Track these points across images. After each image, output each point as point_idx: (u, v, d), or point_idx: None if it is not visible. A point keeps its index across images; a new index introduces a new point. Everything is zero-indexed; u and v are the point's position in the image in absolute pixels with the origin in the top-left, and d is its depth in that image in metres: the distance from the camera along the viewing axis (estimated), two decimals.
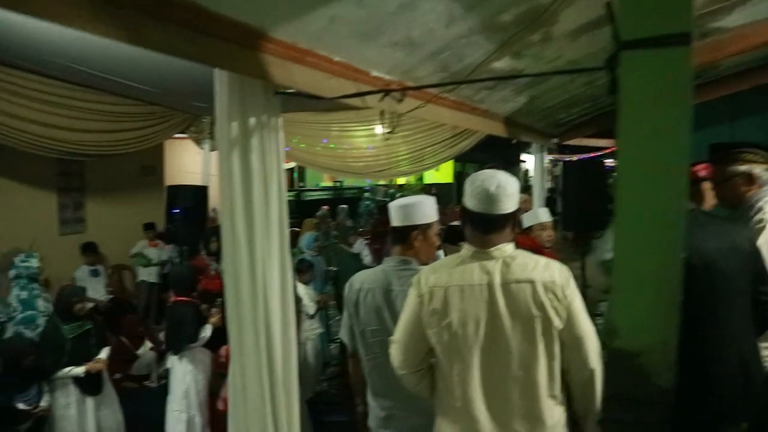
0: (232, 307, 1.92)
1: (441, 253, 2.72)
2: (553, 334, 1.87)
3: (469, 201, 2.06)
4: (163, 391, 4.94)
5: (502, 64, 2.82)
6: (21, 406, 3.46)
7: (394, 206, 2.60)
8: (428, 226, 2.54)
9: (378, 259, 5.69)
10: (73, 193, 6.96)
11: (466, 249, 2.03)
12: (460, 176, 16.14)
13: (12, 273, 4.85)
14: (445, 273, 2.00)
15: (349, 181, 14.03)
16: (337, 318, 7.50)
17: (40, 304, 4.74)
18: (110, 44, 3.84)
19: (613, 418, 1.44)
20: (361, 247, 6.49)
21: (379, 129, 6.80)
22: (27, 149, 5.15)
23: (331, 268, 6.96)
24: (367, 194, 12.13)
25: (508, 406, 1.92)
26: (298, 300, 4.00)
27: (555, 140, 6.09)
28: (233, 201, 1.89)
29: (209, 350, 4.57)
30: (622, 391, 1.51)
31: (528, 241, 3.94)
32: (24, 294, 4.73)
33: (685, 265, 1.51)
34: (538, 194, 6.10)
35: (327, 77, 1.96)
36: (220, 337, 4.45)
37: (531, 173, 21.90)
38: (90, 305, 4.17)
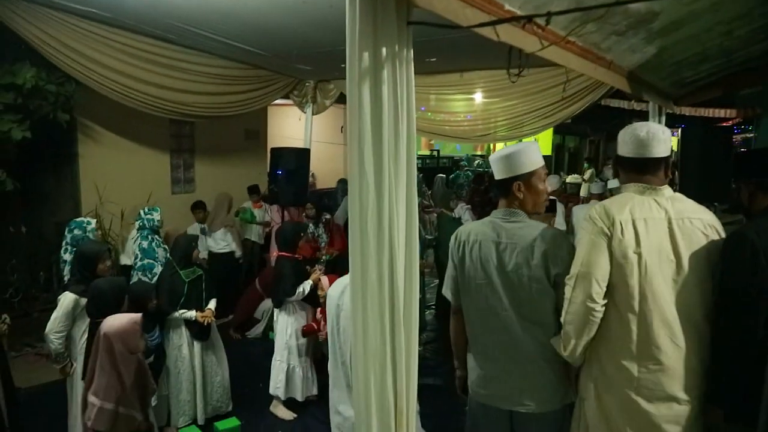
0: (355, 240, 1.89)
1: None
2: (711, 268, 2.07)
3: (623, 148, 2.24)
4: (267, 342, 5.15)
5: (638, 5, 2.60)
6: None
7: (494, 159, 2.50)
8: (531, 174, 2.40)
9: None
10: (184, 154, 7.31)
11: (635, 187, 2.18)
12: (558, 149, 15.55)
13: (137, 224, 5.18)
14: (625, 207, 2.12)
15: (445, 150, 13.88)
16: (432, 285, 7.50)
17: (160, 253, 5.04)
18: (225, 4, 3.95)
19: None
20: (461, 211, 6.42)
21: (478, 96, 6.65)
22: (144, 109, 5.45)
23: (427, 236, 6.94)
24: (463, 163, 11.95)
25: (684, 332, 2.08)
26: None
27: (674, 106, 5.65)
28: (362, 133, 1.84)
29: (312, 306, 4.68)
30: None
31: None
32: (145, 243, 5.05)
33: None
34: None
35: (462, 6, 1.87)
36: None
37: None
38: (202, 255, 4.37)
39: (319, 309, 4.47)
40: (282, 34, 4.77)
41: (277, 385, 4.52)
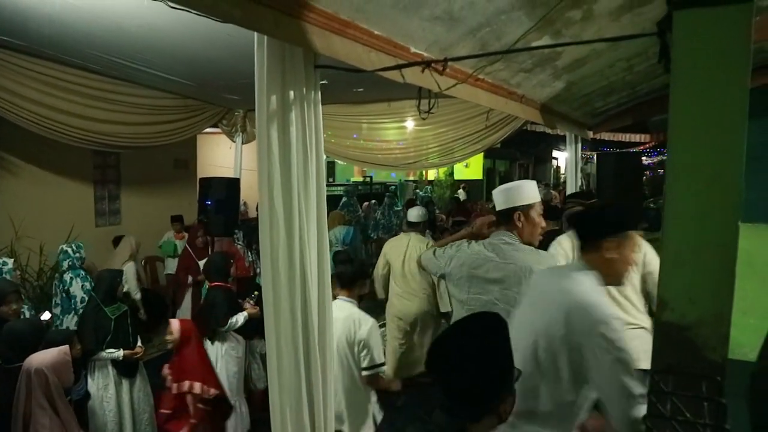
0: (267, 278, 1.92)
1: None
2: None
3: None
4: None
5: (541, 44, 2.77)
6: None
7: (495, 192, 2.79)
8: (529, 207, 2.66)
9: None
10: (109, 185, 7.08)
11: None
12: (489, 172, 16.12)
13: (66, 264, 4.88)
14: None
15: (378, 177, 14.09)
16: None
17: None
18: (149, 36, 3.92)
19: (664, 391, 1.39)
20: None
21: (410, 123, 6.81)
22: (65, 141, 5.26)
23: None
24: (392, 188, 12.17)
25: None
26: None
27: (590, 132, 5.99)
28: (271, 175, 1.88)
29: (244, 338, 4.60)
30: (672, 365, 1.46)
31: None
32: (87, 284, 4.79)
33: None
34: (572, 187, 6.00)
35: (367, 51, 1.95)
36: (256, 328, 4.48)
37: (563, 170, 21.69)
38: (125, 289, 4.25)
39: (167, 365, 4.06)
40: (208, 65, 4.74)
41: None
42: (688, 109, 1.44)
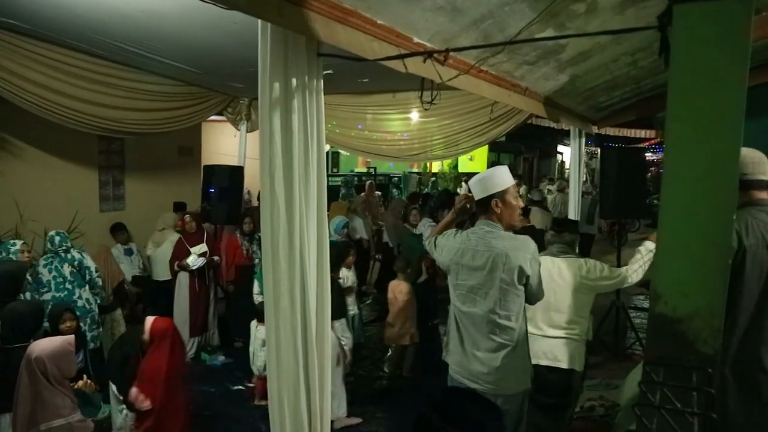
0: (267, 265, 1.94)
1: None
2: None
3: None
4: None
5: (544, 36, 2.77)
6: None
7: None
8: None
9: None
10: (113, 171, 7.10)
11: None
12: (494, 165, 16.09)
13: (69, 242, 4.99)
14: None
15: (382, 167, 14.08)
16: (368, 302, 7.56)
17: None
18: (154, 22, 3.90)
19: (655, 381, 1.41)
20: (423, 228, 6.49)
21: (414, 115, 6.81)
22: (70, 125, 5.27)
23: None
24: (395, 180, 12.19)
25: None
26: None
27: (594, 127, 5.98)
28: (273, 162, 1.90)
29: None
30: (665, 356, 1.47)
31: None
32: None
33: None
34: (575, 181, 6.00)
35: (370, 39, 1.96)
36: None
37: (567, 165, 21.66)
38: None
39: None
40: (213, 52, 4.74)
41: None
42: (685, 105, 1.45)
